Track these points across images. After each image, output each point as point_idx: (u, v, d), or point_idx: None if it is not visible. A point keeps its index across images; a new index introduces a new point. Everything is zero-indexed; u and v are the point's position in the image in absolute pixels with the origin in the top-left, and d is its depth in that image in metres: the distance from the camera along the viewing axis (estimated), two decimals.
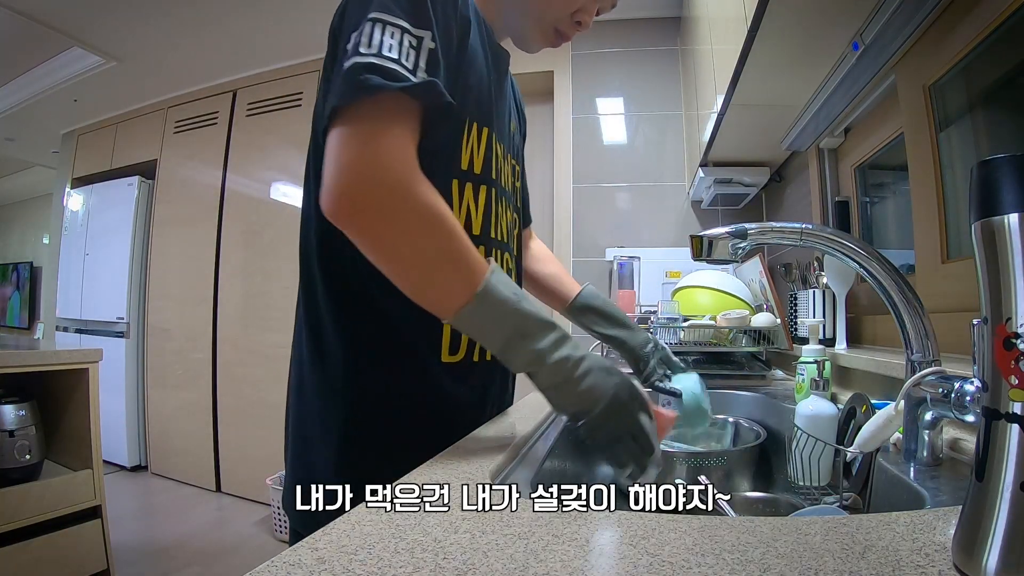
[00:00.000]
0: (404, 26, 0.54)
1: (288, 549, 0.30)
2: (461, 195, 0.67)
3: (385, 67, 0.51)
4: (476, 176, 0.68)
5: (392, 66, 0.51)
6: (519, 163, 0.85)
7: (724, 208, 2.32)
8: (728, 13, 1.30)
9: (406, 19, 0.54)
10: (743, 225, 0.64)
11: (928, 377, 0.52)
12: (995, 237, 0.27)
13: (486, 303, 0.52)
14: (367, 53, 0.52)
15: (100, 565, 1.67)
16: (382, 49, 0.52)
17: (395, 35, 0.53)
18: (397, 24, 0.53)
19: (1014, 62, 0.89)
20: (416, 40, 0.54)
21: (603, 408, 0.52)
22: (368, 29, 0.53)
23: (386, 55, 0.52)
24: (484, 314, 0.52)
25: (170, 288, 3.34)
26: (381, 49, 0.52)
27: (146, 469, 3.37)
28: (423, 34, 0.55)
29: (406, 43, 0.53)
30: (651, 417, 0.54)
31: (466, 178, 0.67)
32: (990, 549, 0.26)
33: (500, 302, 0.52)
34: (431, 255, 0.53)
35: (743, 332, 1.35)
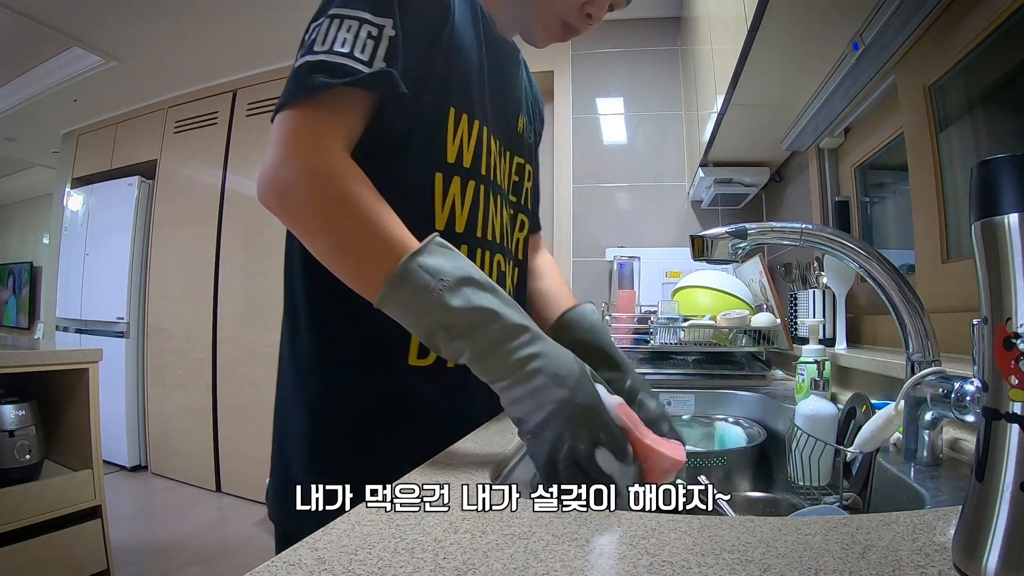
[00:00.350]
0: (363, 17, 0.54)
1: (288, 549, 0.30)
2: (446, 189, 0.64)
3: (334, 63, 0.52)
4: (465, 170, 0.65)
5: (341, 61, 0.52)
6: (531, 164, 0.81)
7: (724, 208, 2.32)
8: (728, 13, 1.30)
9: (367, 9, 0.54)
10: (743, 225, 0.64)
11: (928, 377, 0.52)
12: (995, 237, 0.27)
13: (400, 291, 0.47)
14: (319, 51, 0.53)
15: (100, 565, 1.67)
16: (334, 45, 0.53)
17: (352, 28, 0.53)
18: (356, 16, 0.54)
19: (1014, 62, 0.89)
20: (376, 29, 0.54)
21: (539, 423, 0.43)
22: (326, 26, 0.54)
23: (337, 51, 0.52)
24: (398, 303, 0.48)
25: (170, 288, 3.34)
26: (333, 45, 0.53)
27: (146, 469, 3.37)
28: (383, 22, 0.55)
29: (363, 35, 0.53)
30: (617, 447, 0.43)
31: (453, 172, 0.64)
32: (990, 549, 0.26)
33: (419, 289, 0.47)
34: (347, 242, 0.52)
35: (743, 332, 1.35)
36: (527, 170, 0.80)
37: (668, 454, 0.45)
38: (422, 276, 0.47)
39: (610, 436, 0.43)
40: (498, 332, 0.46)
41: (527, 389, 0.44)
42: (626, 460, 0.43)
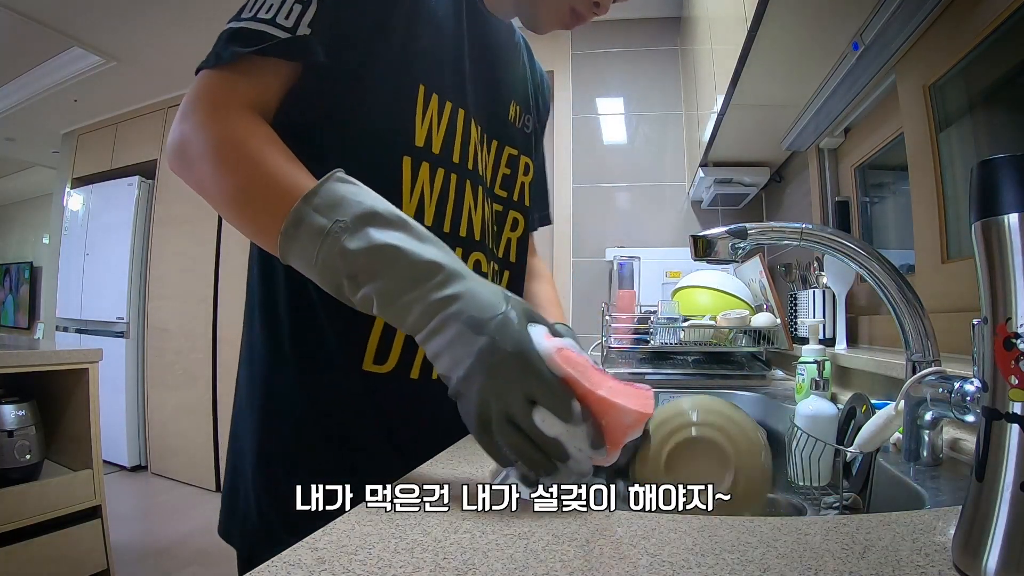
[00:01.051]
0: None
1: (288, 549, 0.30)
2: (414, 176, 0.58)
3: (252, 30, 0.51)
4: (435, 156, 0.60)
5: (260, 28, 0.50)
6: (529, 156, 0.75)
7: (724, 208, 2.32)
8: (728, 13, 1.30)
9: None
10: (743, 225, 0.64)
11: (928, 377, 0.52)
12: (995, 237, 0.27)
13: (295, 240, 0.42)
14: (244, 17, 0.52)
15: (100, 565, 1.67)
16: (259, 12, 0.52)
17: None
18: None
19: (1014, 62, 0.89)
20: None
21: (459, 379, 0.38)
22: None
23: (260, 17, 0.51)
24: (298, 254, 0.42)
25: (170, 288, 3.34)
26: (258, 12, 0.52)
27: (146, 469, 3.37)
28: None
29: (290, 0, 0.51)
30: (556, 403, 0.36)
31: (422, 157, 0.58)
32: (990, 549, 0.26)
33: (314, 234, 0.41)
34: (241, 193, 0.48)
35: (743, 332, 1.35)
36: (522, 162, 0.73)
37: (628, 406, 0.36)
38: (316, 219, 0.41)
39: (546, 390, 0.36)
40: (405, 273, 0.40)
41: (444, 340, 0.38)
42: (571, 419, 0.36)
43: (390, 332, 0.57)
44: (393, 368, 0.58)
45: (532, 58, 0.79)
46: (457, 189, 0.62)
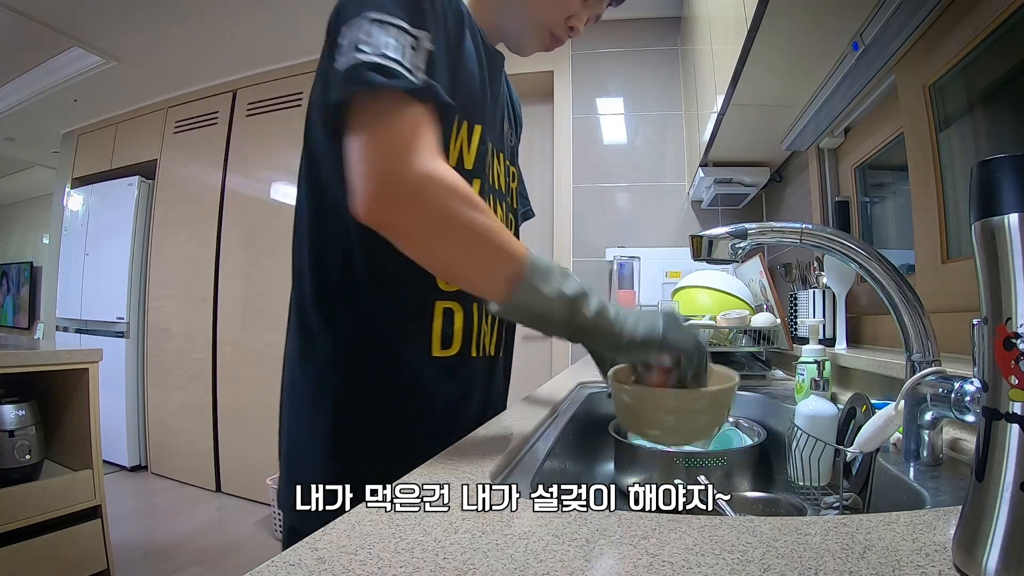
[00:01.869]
0: (402, 26, 0.53)
1: (288, 549, 0.30)
2: None
3: (388, 67, 0.50)
4: (468, 171, 0.66)
5: (393, 66, 0.51)
6: (515, 166, 0.84)
7: (724, 208, 2.32)
8: (728, 13, 1.29)
9: (405, 19, 0.54)
10: (743, 225, 0.64)
11: (928, 377, 0.52)
12: (995, 237, 0.27)
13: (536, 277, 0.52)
14: (369, 52, 0.51)
15: (100, 565, 1.67)
16: (382, 48, 0.51)
17: (393, 34, 0.52)
18: (396, 24, 0.53)
19: (1014, 62, 0.89)
20: (414, 40, 0.53)
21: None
22: (367, 27, 0.52)
23: (388, 55, 0.51)
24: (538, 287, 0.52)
25: (170, 288, 3.34)
26: (381, 48, 0.51)
27: (146, 469, 3.37)
28: (421, 35, 0.54)
29: (405, 44, 0.53)
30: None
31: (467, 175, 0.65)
32: (990, 549, 0.26)
33: (547, 272, 0.53)
34: (472, 241, 0.53)
35: (743, 332, 1.35)
36: (512, 172, 0.82)
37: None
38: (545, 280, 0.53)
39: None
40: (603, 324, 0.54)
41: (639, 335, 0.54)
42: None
43: (449, 324, 0.67)
44: (458, 351, 0.67)
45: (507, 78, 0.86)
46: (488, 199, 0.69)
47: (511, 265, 0.53)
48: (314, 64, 0.62)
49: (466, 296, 0.68)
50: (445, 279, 0.59)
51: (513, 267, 0.52)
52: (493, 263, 0.53)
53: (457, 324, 0.67)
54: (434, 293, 0.66)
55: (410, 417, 0.65)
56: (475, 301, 0.69)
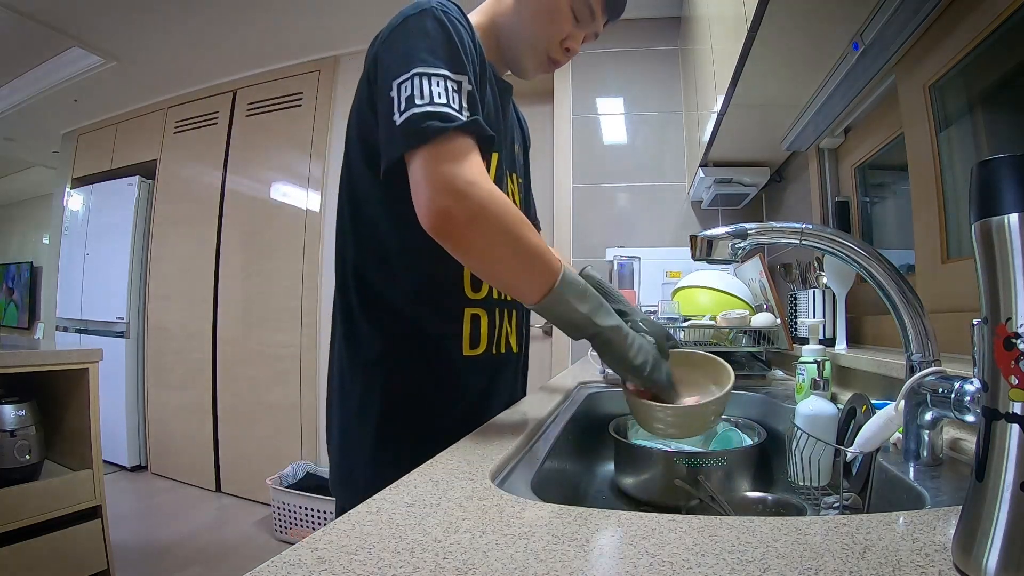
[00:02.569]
0: (445, 74, 0.62)
1: (288, 549, 0.30)
2: None
3: (441, 112, 0.60)
4: None
5: (445, 110, 0.60)
6: (523, 177, 0.93)
7: (724, 208, 2.32)
8: (728, 13, 1.30)
9: (446, 67, 0.62)
10: (743, 225, 0.64)
11: (928, 377, 0.52)
12: (995, 237, 0.27)
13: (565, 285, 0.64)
14: (422, 104, 0.60)
15: (100, 565, 1.67)
16: (434, 98, 0.60)
17: (440, 83, 0.61)
18: (440, 74, 0.62)
19: (1014, 62, 0.89)
20: (456, 84, 0.62)
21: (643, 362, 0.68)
22: (417, 83, 0.61)
23: (438, 103, 0.60)
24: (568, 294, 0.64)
25: (170, 288, 3.34)
26: (433, 98, 0.60)
27: (146, 469, 3.37)
28: (461, 79, 0.63)
29: (450, 89, 0.62)
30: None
31: None
32: (990, 549, 0.26)
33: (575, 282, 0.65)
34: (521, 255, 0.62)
35: (743, 332, 1.34)
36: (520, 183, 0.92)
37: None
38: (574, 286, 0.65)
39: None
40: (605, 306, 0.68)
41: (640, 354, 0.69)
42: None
43: (476, 327, 0.78)
44: (484, 350, 0.78)
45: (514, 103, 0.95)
46: None
47: (551, 278, 0.64)
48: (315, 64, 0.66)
49: (490, 303, 0.79)
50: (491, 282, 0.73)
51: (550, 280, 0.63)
52: (538, 275, 0.64)
53: (483, 327, 0.78)
54: (464, 301, 0.77)
55: (446, 408, 0.75)
56: (497, 307, 0.80)
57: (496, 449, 0.54)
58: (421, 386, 0.75)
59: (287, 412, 2.81)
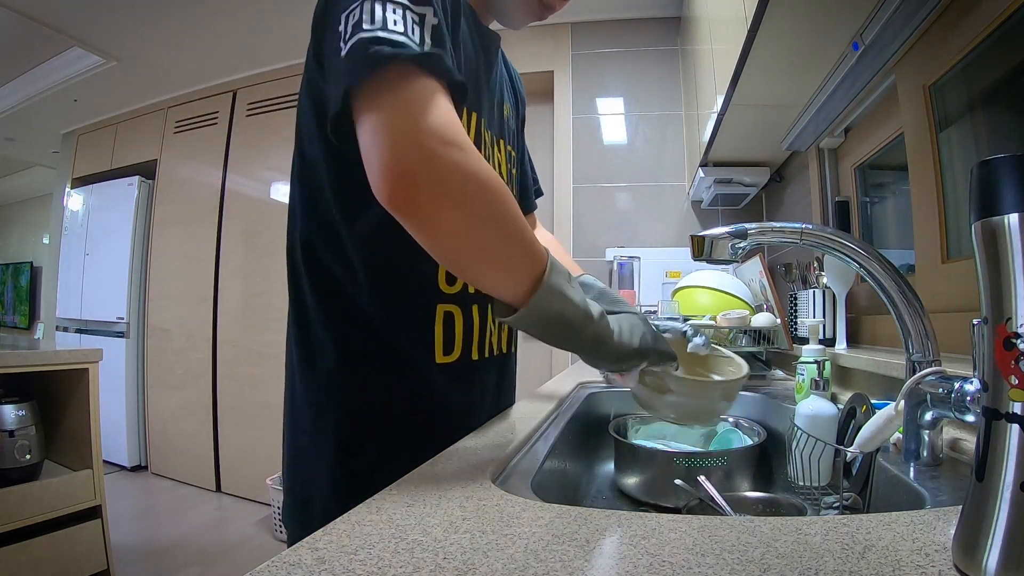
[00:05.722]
0: (403, 3, 0.50)
1: (288, 549, 0.30)
2: None
3: (394, 39, 0.47)
4: None
5: (401, 39, 0.47)
6: (515, 148, 0.81)
7: (724, 208, 2.32)
8: (728, 13, 1.30)
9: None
10: (743, 225, 0.64)
11: (928, 377, 0.52)
12: (995, 237, 0.27)
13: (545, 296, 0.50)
14: (371, 28, 0.47)
15: (100, 565, 1.67)
16: (387, 24, 0.48)
17: (397, 11, 0.49)
18: (397, 1, 0.49)
19: (1014, 62, 0.89)
20: (418, 16, 0.50)
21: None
22: (368, 7, 0.49)
23: (393, 29, 0.47)
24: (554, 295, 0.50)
25: (170, 288, 3.34)
26: (386, 24, 0.48)
27: (146, 469, 3.37)
28: (424, 10, 0.51)
29: (409, 19, 0.49)
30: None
31: None
32: (990, 549, 0.26)
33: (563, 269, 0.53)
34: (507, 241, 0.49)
35: (743, 332, 1.34)
36: (513, 156, 0.80)
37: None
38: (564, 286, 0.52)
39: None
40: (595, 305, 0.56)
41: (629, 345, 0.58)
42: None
43: (450, 330, 0.66)
44: (459, 355, 0.67)
45: (505, 57, 0.83)
46: None
47: (538, 266, 0.50)
48: None
49: (465, 299, 0.66)
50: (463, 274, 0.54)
51: (539, 268, 0.50)
52: (522, 261, 0.50)
53: (457, 328, 0.66)
54: (436, 296, 0.64)
55: (418, 426, 0.63)
56: (474, 304, 0.68)
57: (496, 449, 0.54)
58: (386, 402, 0.63)
59: None
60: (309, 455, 0.64)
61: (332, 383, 0.63)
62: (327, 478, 0.61)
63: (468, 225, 0.47)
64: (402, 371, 0.63)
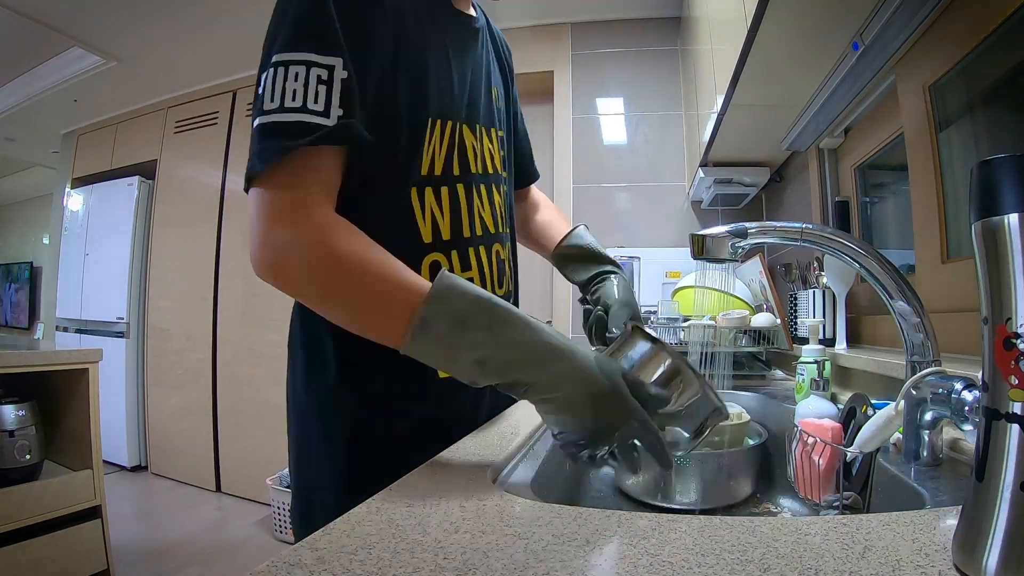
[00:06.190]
0: (309, 60, 0.50)
1: (288, 549, 0.30)
2: (422, 202, 0.64)
3: (288, 123, 0.49)
4: (437, 178, 0.64)
5: (296, 118, 0.49)
6: (504, 128, 0.79)
7: (724, 208, 2.32)
8: (728, 13, 1.30)
9: (311, 49, 0.50)
10: (743, 224, 0.64)
11: (928, 377, 0.52)
12: (995, 237, 0.27)
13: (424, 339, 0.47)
14: (270, 110, 0.49)
15: (100, 565, 1.67)
16: (284, 100, 0.49)
17: (299, 76, 0.50)
18: (301, 60, 0.50)
19: (1014, 62, 0.89)
20: (326, 71, 0.50)
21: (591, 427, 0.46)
22: (271, 77, 0.50)
23: (288, 107, 0.49)
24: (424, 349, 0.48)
25: (170, 288, 3.34)
26: (283, 100, 0.49)
27: (146, 469, 3.37)
28: (333, 62, 0.51)
29: (312, 81, 0.50)
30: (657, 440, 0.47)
31: (426, 183, 0.64)
32: (990, 549, 0.26)
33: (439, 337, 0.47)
34: (356, 307, 0.51)
35: (743, 332, 1.35)
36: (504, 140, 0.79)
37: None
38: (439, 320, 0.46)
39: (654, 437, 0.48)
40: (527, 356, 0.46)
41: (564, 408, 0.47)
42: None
43: None
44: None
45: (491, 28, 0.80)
46: (466, 198, 0.68)
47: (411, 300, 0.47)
48: None
49: None
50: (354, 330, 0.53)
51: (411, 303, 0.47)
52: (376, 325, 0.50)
53: None
54: None
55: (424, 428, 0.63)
56: None
57: (496, 449, 0.54)
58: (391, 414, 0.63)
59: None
60: (318, 462, 0.64)
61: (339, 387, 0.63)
62: (333, 481, 0.62)
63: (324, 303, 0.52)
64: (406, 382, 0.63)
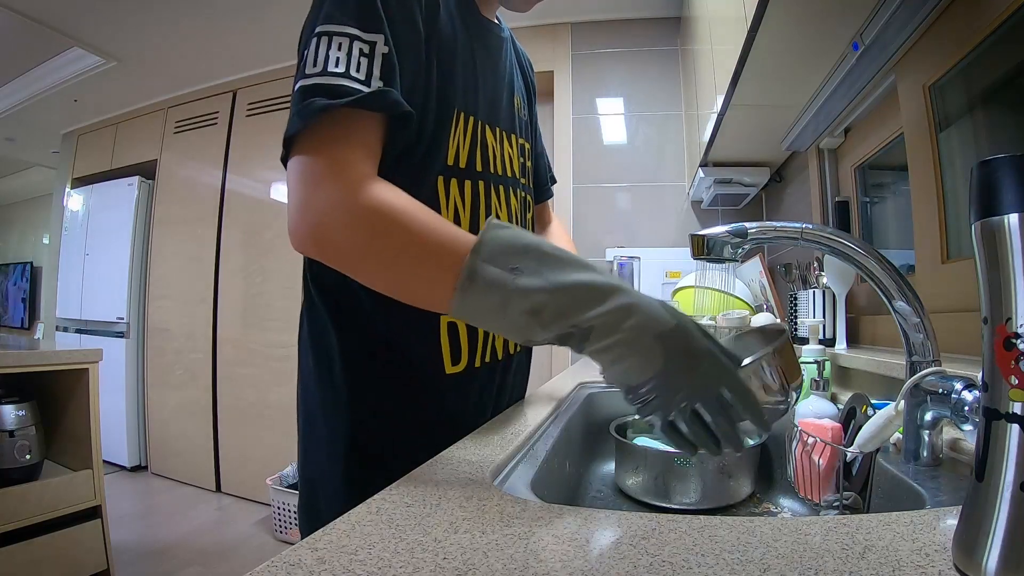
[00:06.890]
0: (352, 33, 0.51)
1: (288, 549, 0.30)
2: (447, 192, 0.64)
3: (330, 85, 0.49)
4: (461, 171, 0.65)
5: (338, 82, 0.49)
6: (527, 139, 0.81)
7: (724, 208, 2.32)
8: (728, 13, 1.30)
9: (354, 24, 0.51)
10: (743, 224, 0.64)
11: (928, 377, 0.52)
12: (995, 237, 0.27)
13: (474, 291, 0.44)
14: (312, 73, 0.50)
15: (100, 565, 1.67)
16: (327, 65, 0.50)
17: (342, 46, 0.50)
18: (344, 32, 0.51)
19: (1014, 62, 0.89)
20: (368, 46, 0.51)
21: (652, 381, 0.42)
22: (314, 46, 0.51)
23: (332, 71, 0.49)
24: (477, 302, 0.45)
25: (170, 288, 3.34)
26: (327, 66, 0.50)
27: (146, 469, 3.37)
28: (375, 38, 0.52)
29: (355, 52, 0.50)
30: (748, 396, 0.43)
31: (451, 174, 0.64)
32: (990, 549, 0.26)
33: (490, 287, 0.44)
34: (402, 264, 0.48)
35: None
36: (527, 148, 0.80)
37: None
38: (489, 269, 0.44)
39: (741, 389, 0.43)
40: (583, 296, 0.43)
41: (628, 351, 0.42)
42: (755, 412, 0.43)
43: (456, 339, 0.66)
44: (465, 364, 0.67)
45: (516, 44, 0.83)
46: (485, 195, 0.68)
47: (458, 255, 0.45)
48: None
49: None
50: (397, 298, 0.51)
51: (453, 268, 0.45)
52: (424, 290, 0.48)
53: (462, 336, 0.67)
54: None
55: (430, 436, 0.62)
56: None
57: (496, 449, 0.54)
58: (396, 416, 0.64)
59: (287, 412, 2.81)
60: (322, 462, 0.65)
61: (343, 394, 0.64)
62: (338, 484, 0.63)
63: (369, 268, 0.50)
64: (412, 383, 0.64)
